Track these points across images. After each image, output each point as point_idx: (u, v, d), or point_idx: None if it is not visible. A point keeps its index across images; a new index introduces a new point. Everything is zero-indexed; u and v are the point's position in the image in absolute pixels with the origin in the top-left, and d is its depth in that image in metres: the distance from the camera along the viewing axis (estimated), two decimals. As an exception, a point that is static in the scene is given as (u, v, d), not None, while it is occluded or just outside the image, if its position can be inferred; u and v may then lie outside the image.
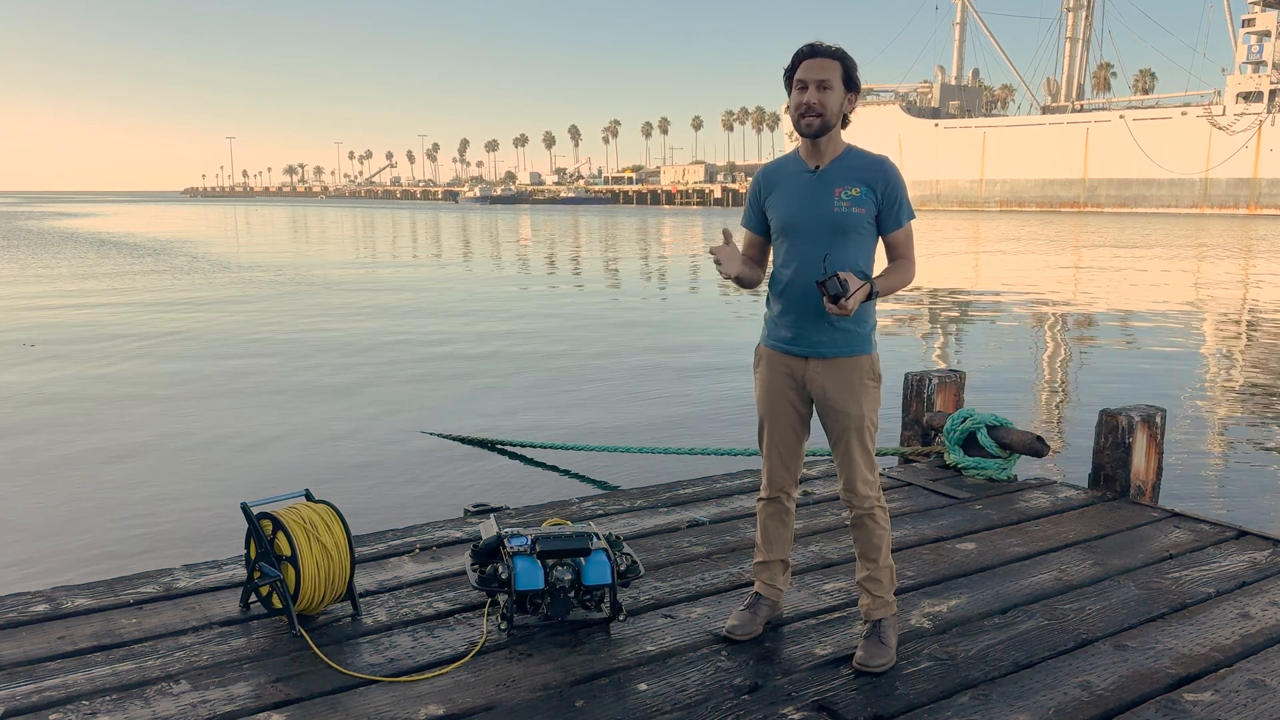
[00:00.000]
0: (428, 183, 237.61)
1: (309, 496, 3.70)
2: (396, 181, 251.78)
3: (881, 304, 3.08)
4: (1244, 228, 59.33)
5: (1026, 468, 6.03)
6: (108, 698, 2.93)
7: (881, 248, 3.17)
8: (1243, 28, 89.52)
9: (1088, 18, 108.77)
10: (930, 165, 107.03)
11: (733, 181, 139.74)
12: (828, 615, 3.59)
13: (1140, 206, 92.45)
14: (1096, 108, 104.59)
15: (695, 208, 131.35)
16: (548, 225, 66.07)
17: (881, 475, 5.30)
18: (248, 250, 37.42)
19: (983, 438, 5.52)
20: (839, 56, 3.04)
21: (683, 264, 31.87)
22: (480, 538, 3.65)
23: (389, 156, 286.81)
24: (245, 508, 3.49)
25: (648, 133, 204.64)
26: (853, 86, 3.07)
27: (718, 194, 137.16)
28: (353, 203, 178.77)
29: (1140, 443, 5.11)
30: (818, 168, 3.12)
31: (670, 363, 12.40)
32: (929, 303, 19.11)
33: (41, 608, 3.57)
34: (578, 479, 7.25)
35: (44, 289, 21.70)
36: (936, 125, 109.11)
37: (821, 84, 3.01)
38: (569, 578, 3.38)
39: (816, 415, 3.26)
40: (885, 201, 3.09)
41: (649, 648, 3.30)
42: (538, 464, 7.61)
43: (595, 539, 3.49)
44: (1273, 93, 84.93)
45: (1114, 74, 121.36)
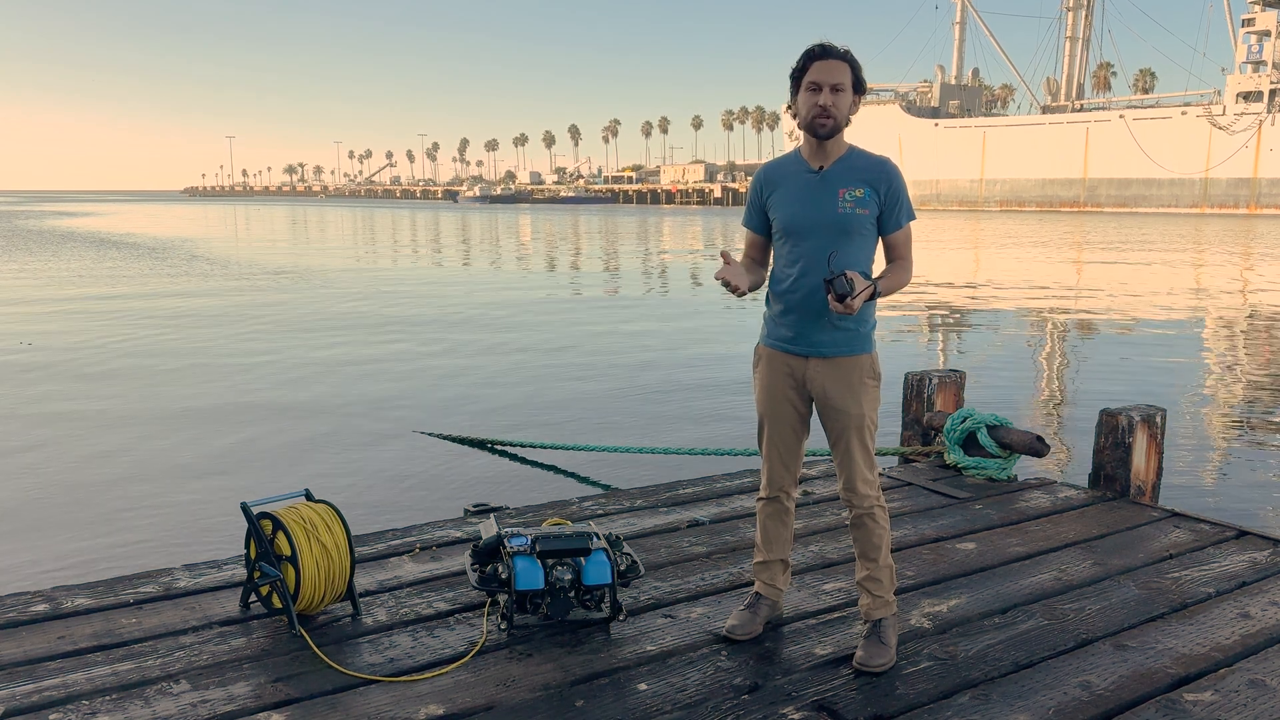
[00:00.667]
0: (427, 182, 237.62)
1: (309, 496, 3.70)
2: (396, 181, 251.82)
3: (882, 303, 3.09)
4: (1244, 227, 59.33)
5: (1026, 468, 6.03)
6: (108, 697, 2.93)
7: (880, 248, 3.18)
8: (1243, 27, 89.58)
9: (1088, 17, 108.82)
10: (930, 165, 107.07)
11: (733, 181, 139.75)
12: (828, 615, 3.59)
13: (1140, 206, 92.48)
14: (1096, 107, 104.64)
15: (695, 207, 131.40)
16: (547, 225, 66.07)
17: (881, 475, 5.31)
18: (247, 250, 37.42)
19: (983, 438, 5.52)
20: (848, 59, 3.06)
21: (682, 263, 31.87)
22: (480, 538, 3.66)
23: (389, 156, 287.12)
24: (245, 507, 3.49)
25: (648, 132, 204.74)
26: (860, 88, 3.09)
27: (718, 193, 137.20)
28: (352, 202, 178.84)
29: (1140, 443, 5.11)
30: (821, 168, 3.12)
31: (670, 362, 12.40)
32: (929, 302, 19.12)
33: (41, 607, 3.57)
34: (578, 479, 7.25)
35: (42, 288, 21.70)
36: (936, 125, 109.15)
37: (835, 87, 3.02)
38: (569, 577, 3.38)
39: (816, 415, 3.26)
40: (887, 202, 3.10)
41: (649, 648, 3.30)
42: (538, 464, 7.61)
43: (595, 539, 3.49)
44: (1273, 92, 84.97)
45: (1114, 73, 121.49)
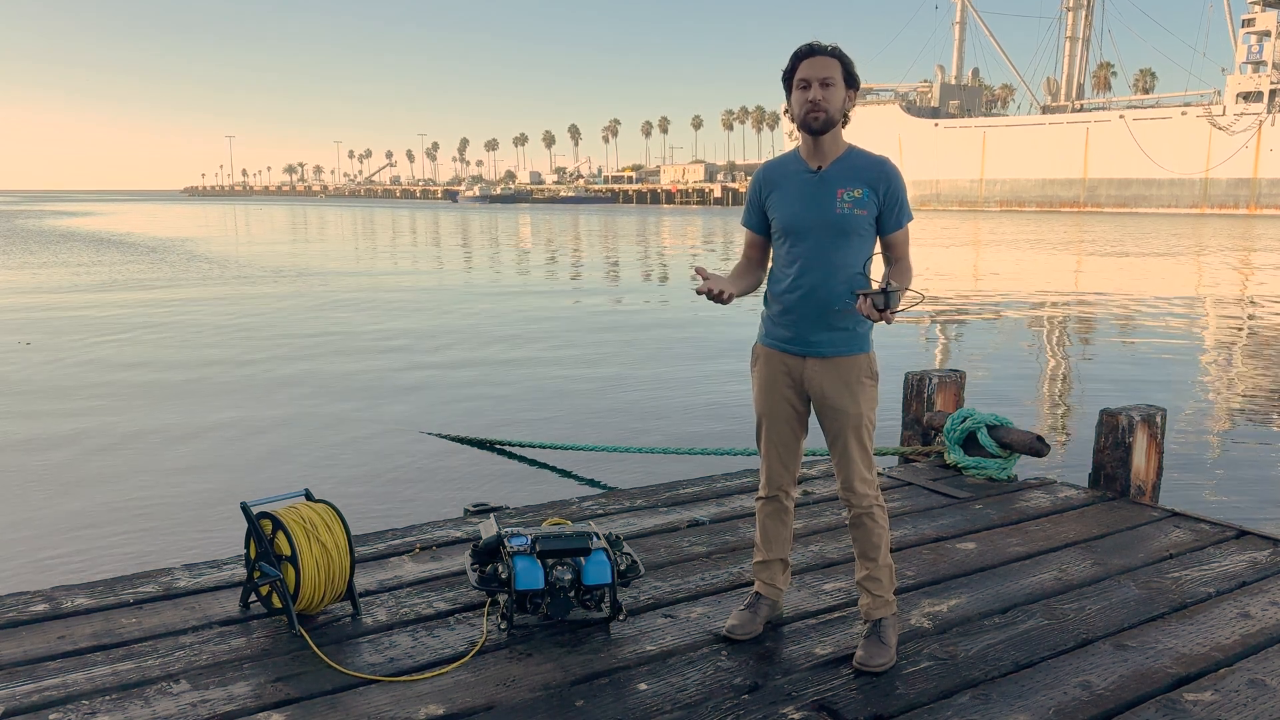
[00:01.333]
0: (427, 182, 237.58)
1: (309, 496, 3.70)
2: (396, 181, 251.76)
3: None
4: (1244, 228, 59.33)
5: (1026, 468, 6.02)
6: (108, 697, 2.93)
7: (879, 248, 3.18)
8: (1243, 28, 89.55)
9: (1088, 17, 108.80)
10: (930, 165, 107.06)
11: (733, 181, 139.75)
12: (828, 615, 3.59)
13: (1140, 206, 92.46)
14: (1096, 107, 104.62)
15: (695, 207, 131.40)
16: (547, 225, 66.06)
17: (881, 475, 5.32)
18: (247, 249, 37.41)
19: (983, 437, 5.52)
20: (837, 54, 3.07)
21: (682, 263, 31.86)
22: (480, 537, 3.66)
23: (389, 155, 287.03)
24: (245, 507, 3.49)
25: (648, 132, 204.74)
26: (853, 83, 3.09)
27: (717, 193, 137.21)
28: (352, 202, 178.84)
29: (1140, 442, 5.11)
30: (819, 168, 3.12)
31: (670, 361, 12.40)
32: (929, 302, 19.10)
33: (41, 607, 3.56)
34: (578, 479, 7.25)
35: (41, 288, 21.70)
36: (936, 125, 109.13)
37: (824, 81, 3.03)
38: (569, 577, 3.38)
39: (814, 414, 3.26)
40: (886, 203, 3.10)
41: (649, 647, 3.30)
42: (538, 464, 7.61)
43: (595, 539, 3.49)
44: (1273, 93, 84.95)
45: (1114, 74, 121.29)
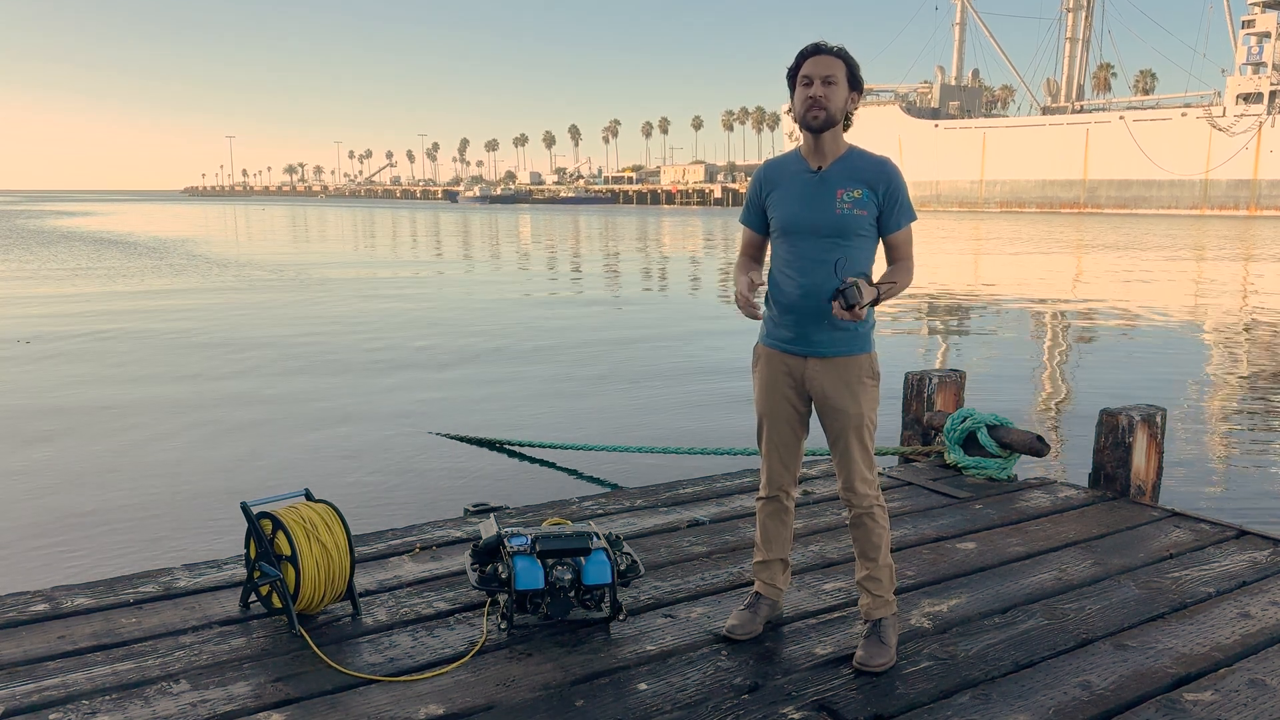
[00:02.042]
0: (428, 182, 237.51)
1: (309, 496, 3.70)
2: (396, 181, 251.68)
3: (883, 301, 3.09)
4: (1244, 229, 59.34)
5: (1026, 467, 6.03)
6: (108, 697, 2.93)
7: (880, 249, 3.18)
8: (1243, 29, 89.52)
9: (1088, 18, 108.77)
10: (930, 166, 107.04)
11: (733, 181, 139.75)
12: (828, 615, 3.59)
13: (1140, 208, 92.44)
14: (1096, 108, 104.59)
15: (695, 207, 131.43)
16: (547, 225, 66.06)
17: (881, 475, 5.32)
18: (247, 249, 37.42)
19: (983, 437, 5.52)
20: (842, 55, 3.07)
21: (682, 263, 31.87)
22: (480, 537, 3.66)
23: (389, 156, 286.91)
24: (245, 507, 3.49)
25: (648, 133, 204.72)
26: (856, 85, 3.09)
27: (718, 194, 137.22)
28: (352, 202, 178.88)
29: (1140, 442, 5.11)
30: (820, 168, 3.12)
31: (670, 361, 12.40)
32: (929, 302, 19.12)
33: (41, 607, 3.56)
34: (578, 479, 7.25)
35: (41, 287, 21.69)
36: (936, 126, 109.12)
37: (827, 79, 3.03)
38: (569, 577, 3.38)
39: (815, 414, 3.26)
40: (886, 203, 3.09)
41: (649, 647, 3.30)
42: (538, 463, 7.61)
43: (595, 538, 3.49)
44: (1273, 94, 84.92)
45: (1114, 74, 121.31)
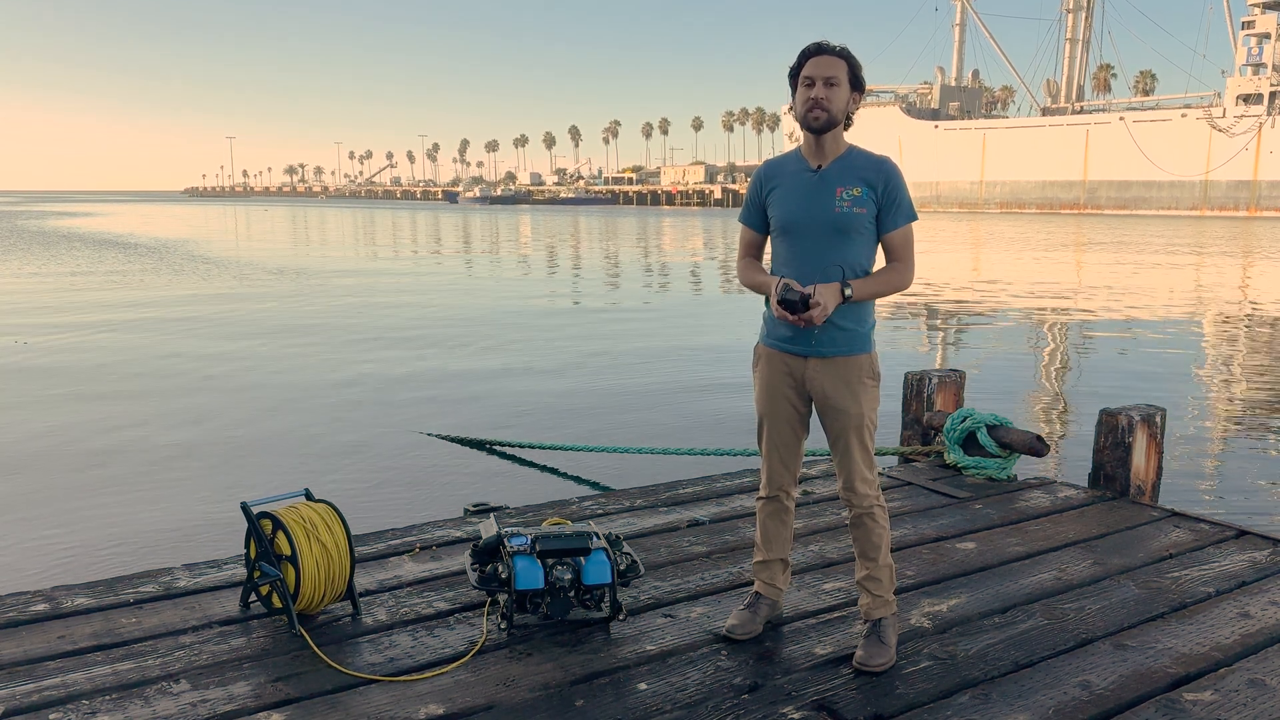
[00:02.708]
0: (428, 183, 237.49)
1: (309, 496, 3.70)
2: (397, 181, 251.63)
3: (881, 303, 3.09)
4: (1244, 229, 59.33)
5: (1026, 467, 6.03)
6: (108, 697, 2.93)
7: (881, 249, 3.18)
8: (1243, 30, 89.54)
9: (1087, 19, 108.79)
10: (930, 167, 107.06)
11: (733, 182, 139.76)
12: (828, 615, 3.59)
13: (1140, 208, 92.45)
14: (1096, 109, 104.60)
15: (695, 208, 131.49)
16: (548, 226, 66.06)
17: (881, 475, 5.32)
18: (248, 250, 37.41)
19: (983, 437, 5.52)
20: (845, 56, 3.07)
21: (683, 264, 31.87)
22: (480, 537, 3.66)
23: (389, 156, 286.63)
24: (245, 507, 3.49)
25: (648, 133, 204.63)
26: (858, 86, 3.09)
27: (718, 194, 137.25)
28: (353, 202, 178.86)
29: (1140, 442, 5.11)
30: (819, 167, 3.12)
31: (670, 362, 12.40)
32: (929, 303, 19.12)
33: (41, 607, 3.56)
34: (577, 479, 7.25)
35: (40, 288, 21.70)
36: (936, 126, 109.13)
37: (828, 80, 3.03)
38: (569, 577, 3.38)
39: (816, 414, 3.26)
40: (885, 202, 3.09)
41: (649, 647, 3.30)
42: (538, 464, 7.61)
43: (595, 538, 3.49)
44: (1273, 95, 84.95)
45: (1114, 75, 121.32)
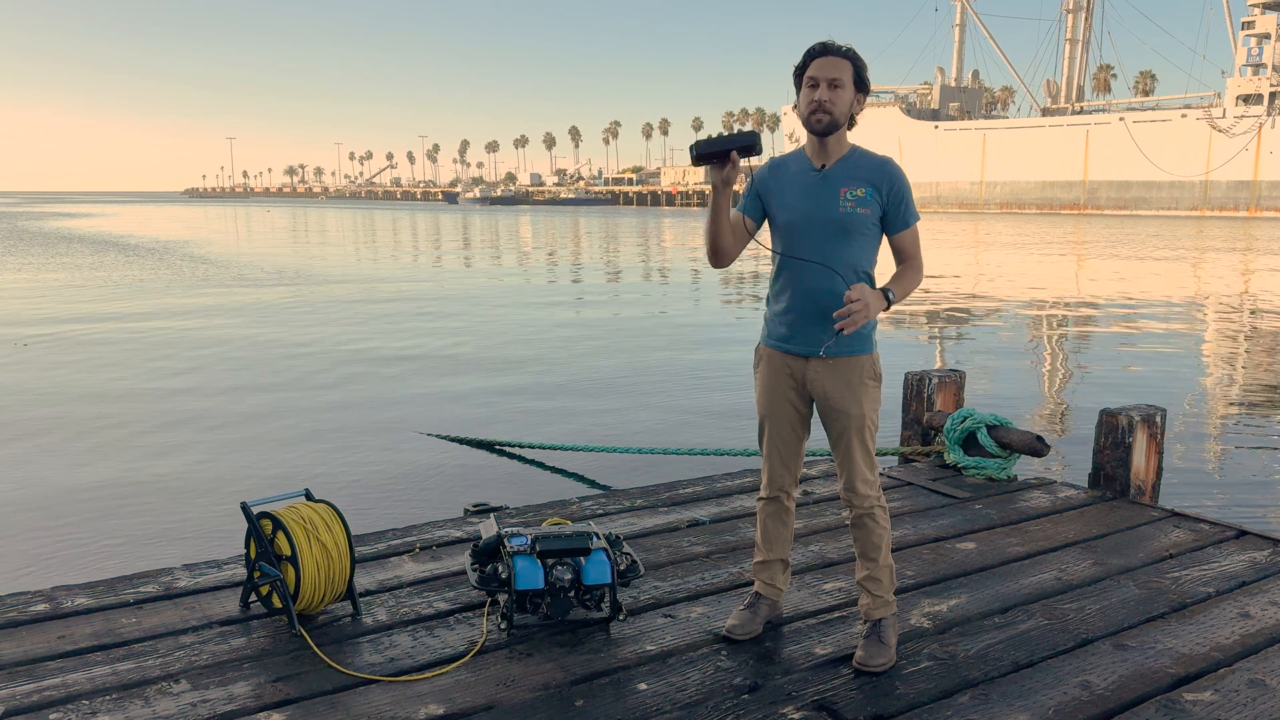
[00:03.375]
0: (428, 183, 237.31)
1: (309, 496, 3.70)
2: (397, 182, 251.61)
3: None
4: (1244, 230, 59.34)
5: (1026, 467, 6.03)
6: (108, 697, 2.93)
7: (886, 250, 3.18)
8: (1243, 30, 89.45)
9: (1087, 19, 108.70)
10: (930, 167, 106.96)
11: (737, 179, 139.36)
12: (828, 615, 3.59)
13: (1140, 209, 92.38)
14: (1096, 109, 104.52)
15: (696, 209, 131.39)
16: (548, 227, 66.05)
17: (881, 475, 5.31)
18: (249, 251, 37.40)
19: (983, 437, 5.52)
20: (850, 57, 3.06)
21: (683, 265, 31.86)
22: (480, 537, 3.66)
23: (389, 157, 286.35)
24: (245, 507, 3.49)
25: (648, 134, 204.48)
26: (863, 87, 3.09)
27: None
28: (353, 203, 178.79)
29: (1140, 442, 5.11)
30: (823, 167, 3.12)
31: (670, 362, 12.40)
32: (929, 303, 19.12)
33: (41, 607, 3.57)
34: (578, 479, 7.25)
35: (40, 289, 21.70)
36: (936, 127, 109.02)
37: (833, 82, 3.02)
38: (569, 577, 3.38)
39: (816, 415, 3.26)
40: (890, 203, 3.09)
41: (649, 647, 3.30)
42: (538, 464, 7.61)
43: (595, 538, 3.49)
44: (1273, 95, 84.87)
45: (1114, 76, 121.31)
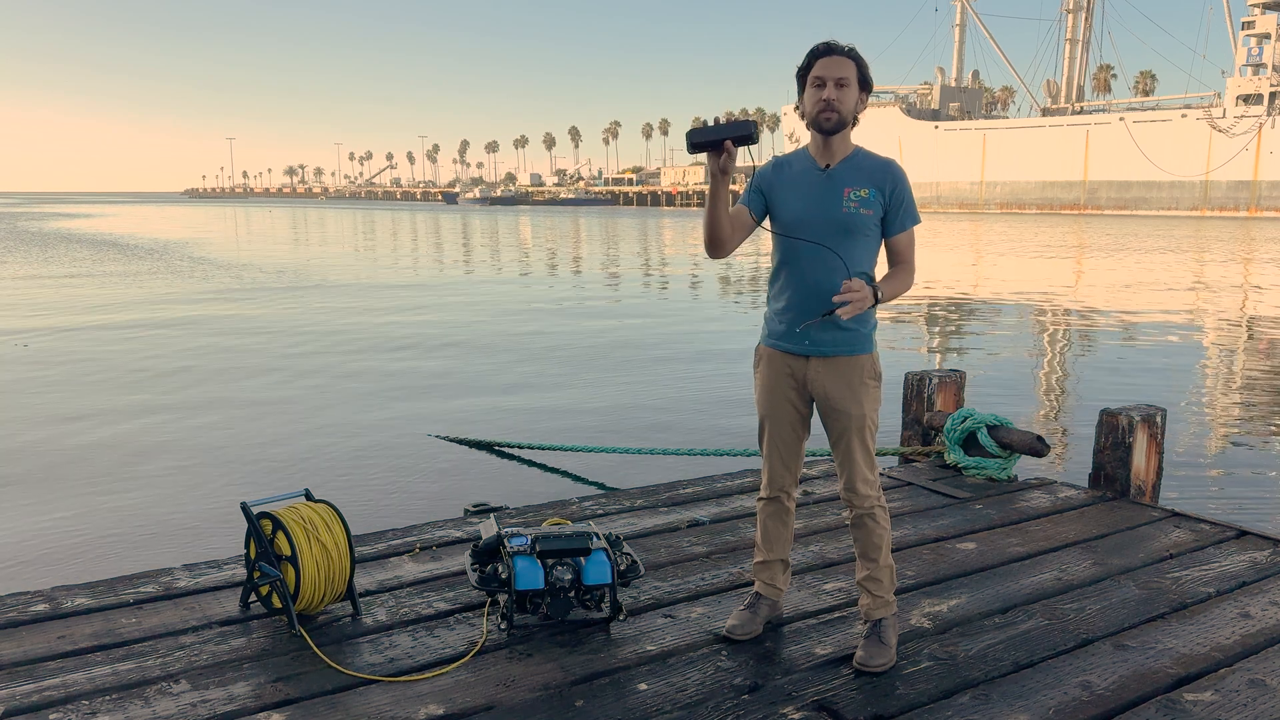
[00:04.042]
0: (428, 184, 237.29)
1: (309, 496, 3.70)
2: (397, 182, 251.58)
3: (881, 305, 3.09)
4: (1244, 230, 59.34)
5: (1026, 468, 6.02)
6: (108, 697, 2.93)
7: (883, 251, 3.18)
8: (1243, 30, 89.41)
9: (1087, 19, 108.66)
10: (930, 167, 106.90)
11: (733, 183, 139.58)
12: (828, 615, 3.59)
13: (1140, 209, 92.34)
14: (1096, 109, 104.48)
15: (696, 209, 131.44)
16: (548, 228, 66.06)
17: (881, 475, 5.31)
18: (249, 251, 37.40)
19: (983, 437, 5.52)
20: (854, 56, 3.07)
21: (684, 265, 31.86)
22: (480, 537, 3.66)
23: (389, 157, 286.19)
24: (245, 507, 3.49)
25: (648, 134, 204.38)
26: (866, 86, 3.10)
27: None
28: (353, 203, 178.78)
29: (1140, 442, 5.11)
30: (828, 166, 3.13)
31: (670, 363, 12.40)
32: (929, 303, 19.12)
33: (41, 607, 3.57)
34: (577, 479, 7.25)
35: (40, 290, 21.70)
36: (936, 127, 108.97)
37: (840, 81, 3.03)
38: (569, 577, 3.38)
39: (817, 415, 3.26)
40: (892, 204, 3.10)
41: (649, 647, 3.30)
42: (537, 464, 7.61)
43: (595, 539, 3.49)
44: (1273, 95, 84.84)
45: (1114, 76, 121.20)
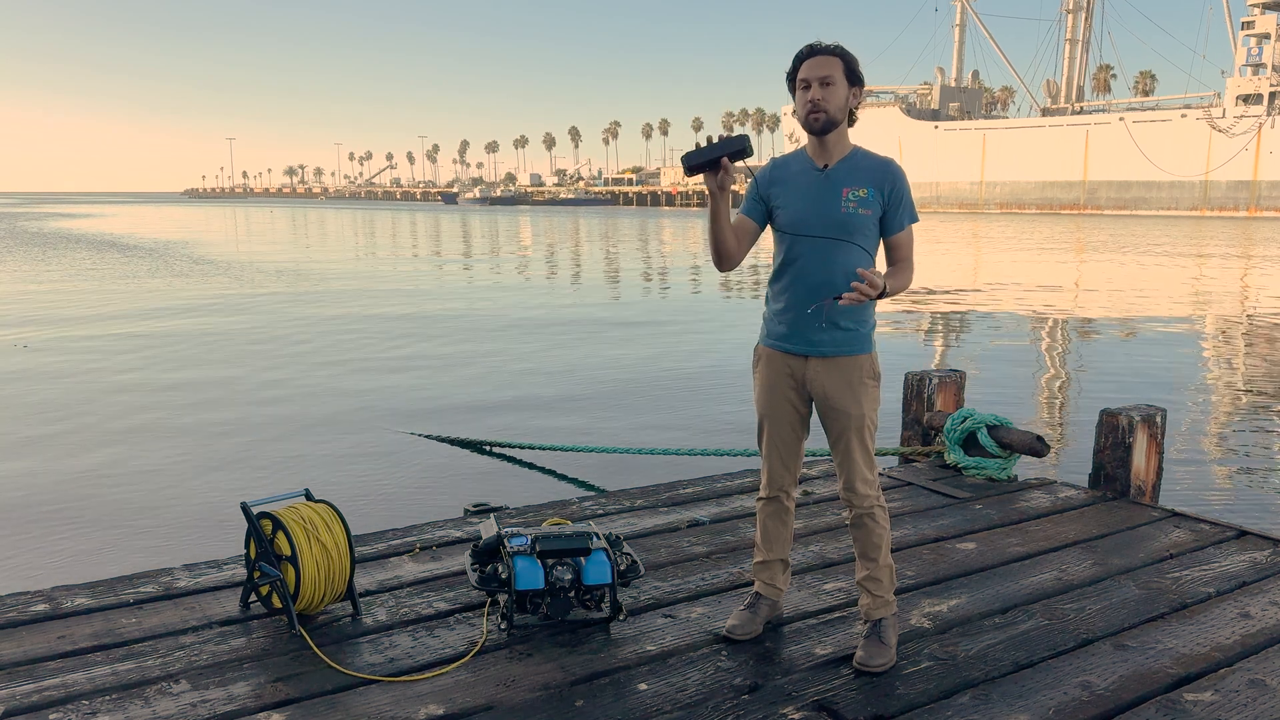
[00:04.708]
0: (428, 184, 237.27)
1: (309, 496, 3.70)
2: (397, 183, 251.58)
3: (882, 303, 3.10)
4: (1244, 230, 59.34)
5: (1026, 468, 6.02)
6: (108, 697, 2.93)
7: (881, 250, 3.18)
8: (1242, 30, 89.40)
9: (1087, 19, 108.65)
10: (930, 167, 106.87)
11: (733, 183, 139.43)
12: (828, 615, 3.59)
13: (1140, 209, 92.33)
14: (1096, 110, 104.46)
15: (695, 209, 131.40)
16: (548, 228, 66.04)
17: (881, 475, 5.32)
18: (249, 251, 37.40)
19: (983, 437, 5.52)
20: (838, 52, 3.07)
21: (684, 265, 31.86)
22: (480, 537, 3.66)
23: (389, 157, 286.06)
24: (245, 507, 3.49)
25: (648, 134, 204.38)
26: (856, 80, 3.09)
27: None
28: (353, 203, 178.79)
29: (1140, 442, 5.11)
30: (826, 166, 3.13)
31: (670, 363, 12.40)
32: (929, 303, 19.12)
33: (41, 607, 3.57)
34: (577, 479, 7.25)
35: (40, 290, 21.70)
36: (936, 127, 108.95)
37: (824, 80, 3.03)
38: (569, 577, 3.38)
39: (816, 415, 3.26)
40: (890, 203, 3.10)
41: (649, 647, 3.30)
42: (538, 464, 7.61)
43: (595, 539, 3.49)
44: (1272, 95, 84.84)
45: (1114, 76, 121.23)
